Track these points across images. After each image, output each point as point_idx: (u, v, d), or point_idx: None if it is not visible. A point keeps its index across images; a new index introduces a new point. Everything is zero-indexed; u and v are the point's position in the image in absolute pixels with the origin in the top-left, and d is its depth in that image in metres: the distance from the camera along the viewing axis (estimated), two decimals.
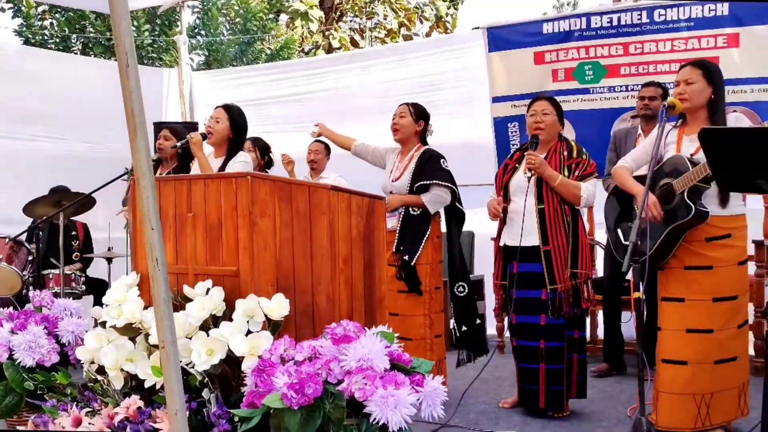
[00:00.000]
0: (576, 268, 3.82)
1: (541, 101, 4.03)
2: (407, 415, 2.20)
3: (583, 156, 3.90)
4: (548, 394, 3.85)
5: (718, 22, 5.38)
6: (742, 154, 2.78)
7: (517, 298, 3.93)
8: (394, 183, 4.25)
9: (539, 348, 3.86)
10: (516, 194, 3.96)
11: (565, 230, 3.83)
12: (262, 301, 2.57)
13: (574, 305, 3.82)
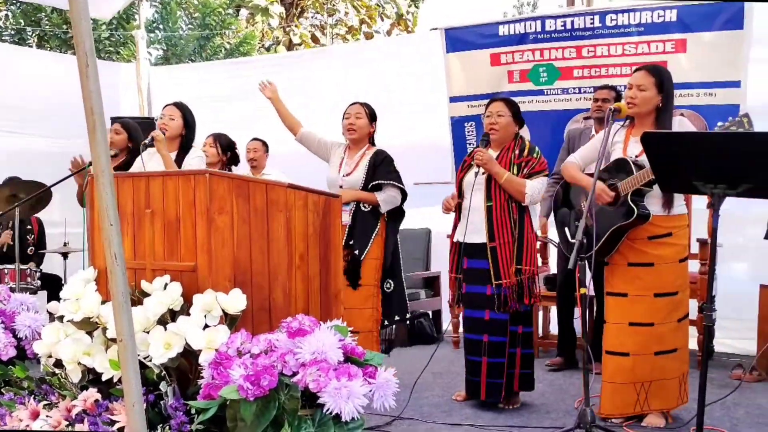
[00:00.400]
0: (521, 264, 3.94)
1: (497, 102, 4.15)
2: (360, 406, 2.28)
3: (534, 155, 4.02)
4: (488, 386, 3.98)
5: (667, 28, 5.55)
6: (681, 157, 2.93)
7: (465, 293, 4.07)
8: (346, 178, 4.32)
9: (483, 342, 3.98)
10: (468, 191, 4.07)
11: (512, 227, 3.94)
12: (219, 296, 2.63)
13: (518, 301, 3.94)
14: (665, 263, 3.62)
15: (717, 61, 5.39)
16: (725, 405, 3.92)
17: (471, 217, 3.98)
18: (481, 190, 3.97)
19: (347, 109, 4.45)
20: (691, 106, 5.49)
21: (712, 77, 5.44)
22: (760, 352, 4.61)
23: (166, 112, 4.25)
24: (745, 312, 4.95)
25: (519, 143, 4.07)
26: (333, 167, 4.43)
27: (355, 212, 4.24)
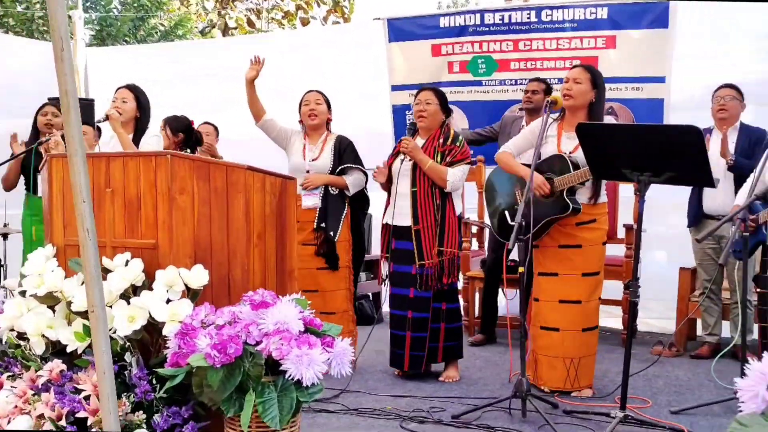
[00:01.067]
0: (443, 246, 4.17)
1: (426, 91, 4.37)
2: (319, 372, 2.46)
3: (457, 143, 4.25)
4: (411, 358, 4.24)
5: (598, 25, 5.85)
6: (611, 147, 3.19)
7: (392, 272, 4.32)
8: (313, 163, 4.48)
9: (407, 317, 4.23)
10: (396, 177, 4.29)
11: (435, 212, 4.18)
12: (182, 272, 2.75)
13: (439, 280, 4.18)
14: (591, 245, 3.92)
15: (644, 57, 5.72)
16: (647, 377, 4.24)
17: (398, 202, 4.22)
18: (407, 176, 4.20)
19: (306, 96, 4.59)
20: (620, 100, 5.82)
21: (639, 72, 5.77)
22: (677, 329, 4.97)
23: (119, 95, 4.29)
24: (666, 294, 5.31)
25: (444, 132, 4.30)
26: (296, 154, 4.56)
27: (324, 196, 4.41)
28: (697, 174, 3.14)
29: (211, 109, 6.87)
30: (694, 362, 4.72)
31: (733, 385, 3.45)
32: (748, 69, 5.63)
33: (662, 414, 3.59)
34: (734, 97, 4.78)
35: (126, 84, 4.37)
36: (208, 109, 6.84)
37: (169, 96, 7.25)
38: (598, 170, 3.47)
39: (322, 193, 4.44)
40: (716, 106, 4.81)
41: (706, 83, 5.64)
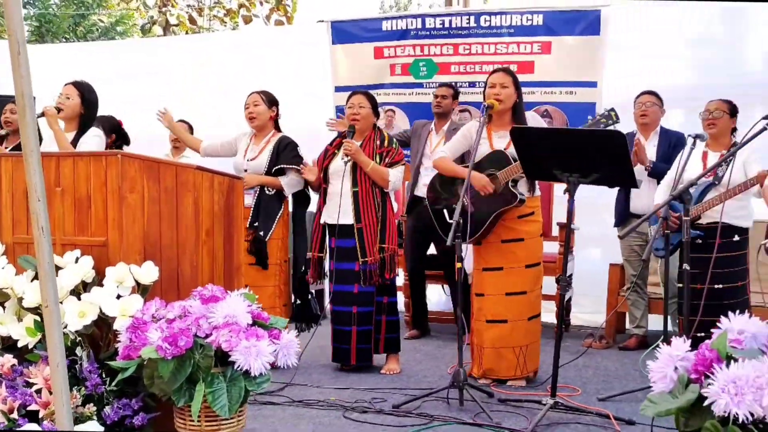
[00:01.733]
0: (384, 243, 4.35)
1: (358, 95, 4.56)
2: (267, 363, 2.59)
3: (393, 145, 4.45)
4: (359, 351, 4.40)
5: (534, 31, 6.08)
6: (543, 149, 3.39)
7: (334, 269, 4.45)
8: (250, 162, 4.58)
9: (352, 312, 4.38)
10: (334, 177, 4.44)
11: (376, 210, 4.35)
12: (132, 268, 2.84)
13: (381, 275, 4.35)
14: (532, 238, 4.15)
15: (577, 63, 5.96)
16: (578, 367, 4.47)
17: (340, 201, 4.34)
18: (348, 176, 4.35)
19: (246, 100, 4.69)
20: (554, 103, 6.07)
21: (572, 77, 6.02)
22: (606, 321, 5.23)
23: (64, 90, 4.28)
24: (599, 290, 5.57)
25: (378, 134, 4.49)
26: (239, 154, 4.68)
27: (259, 195, 4.51)
28: (621, 176, 3.37)
29: (152, 108, 6.91)
30: (622, 353, 4.99)
31: None
32: (678, 75, 5.96)
33: (590, 401, 3.82)
34: (654, 103, 5.06)
35: (72, 80, 4.37)
36: (150, 108, 6.88)
37: (109, 94, 7.25)
38: (531, 171, 3.68)
39: (257, 193, 4.54)
40: (638, 112, 5.08)
41: (637, 88, 5.96)
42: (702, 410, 1.85)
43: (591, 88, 5.98)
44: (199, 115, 6.51)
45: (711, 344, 1.95)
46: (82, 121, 4.27)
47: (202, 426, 2.61)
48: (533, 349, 4.18)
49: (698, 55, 6.07)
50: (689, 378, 1.94)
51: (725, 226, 4.07)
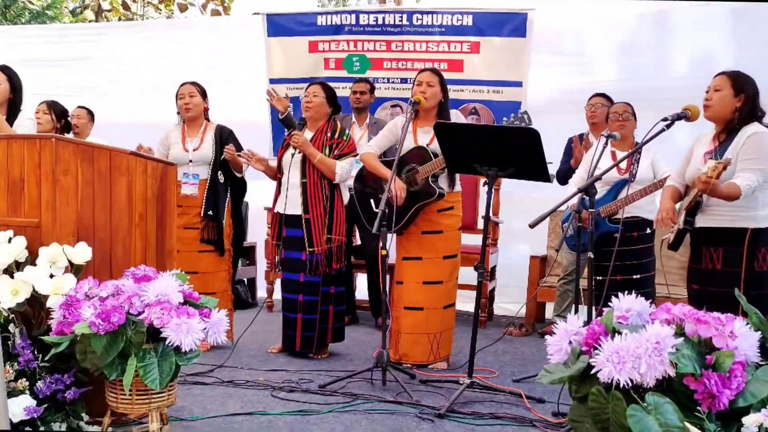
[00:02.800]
0: (331, 234, 4.49)
1: (314, 85, 4.67)
2: (197, 339, 2.72)
3: (344, 137, 4.57)
4: (303, 339, 4.53)
5: (464, 31, 6.31)
6: (464, 144, 3.61)
7: (284, 258, 4.58)
8: (195, 153, 4.69)
9: (298, 301, 4.52)
10: (286, 168, 4.56)
11: (324, 201, 4.48)
12: (66, 248, 2.92)
13: (328, 265, 4.49)
14: (450, 231, 4.36)
15: (504, 63, 6.22)
16: (497, 353, 4.72)
17: (289, 192, 4.47)
18: (297, 168, 4.48)
19: (180, 89, 4.78)
20: (482, 101, 6.32)
21: (499, 77, 6.27)
22: (527, 310, 5.51)
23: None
24: (523, 281, 5.83)
25: (332, 126, 4.60)
26: (176, 145, 4.75)
27: (213, 184, 4.63)
28: (535, 170, 3.61)
29: (87, 94, 6.91)
30: (540, 340, 5.21)
31: None
32: (600, 77, 6.26)
33: (506, 382, 4.06)
34: (603, 104, 5.33)
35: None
36: (84, 94, 6.87)
37: (43, 79, 7.20)
38: (453, 164, 3.90)
39: (209, 181, 4.65)
40: (589, 113, 5.35)
41: (560, 88, 6.26)
42: (590, 378, 2.07)
43: (517, 88, 6.24)
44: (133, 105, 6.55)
45: (600, 320, 2.18)
46: (10, 105, 4.27)
47: (133, 399, 2.72)
48: (447, 336, 4.40)
49: (623, 58, 6.40)
50: (581, 350, 2.16)
51: (637, 219, 4.37)
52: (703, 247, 3.41)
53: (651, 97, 5.45)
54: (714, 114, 3.40)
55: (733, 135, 3.36)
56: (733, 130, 3.37)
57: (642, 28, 6.31)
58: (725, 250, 3.33)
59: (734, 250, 3.31)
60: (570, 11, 6.45)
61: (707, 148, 3.45)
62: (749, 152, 3.27)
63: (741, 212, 3.30)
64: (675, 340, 1.99)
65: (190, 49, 7.00)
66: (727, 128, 3.39)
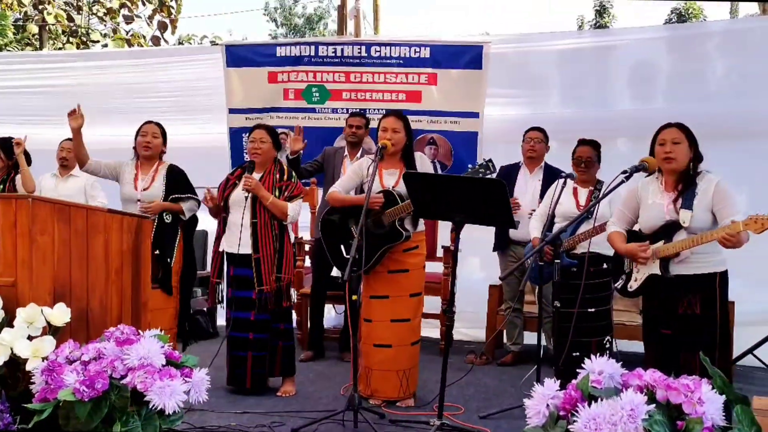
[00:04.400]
0: (281, 272, 4.56)
1: (259, 130, 4.72)
2: (180, 401, 2.76)
3: (292, 180, 4.66)
4: (254, 376, 4.60)
5: (421, 63, 6.45)
6: (434, 193, 3.72)
7: (232, 297, 4.65)
8: (144, 192, 4.70)
9: (248, 339, 4.58)
10: (234, 207, 4.61)
11: (273, 241, 4.55)
12: (45, 310, 2.93)
13: (276, 303, 4.55)
14: (416, 269, 4.49)
15: (461, 94, 6.39)
16: (459, 384, 4.82)
17: (241, 232, 4.52)
18: (248, 208, 4.54)
19: (143, 128, 4.80)
20: (440, 131, 6.48)
21: (456, 107, 6.43)
22: (487, 341, 5.65)
23: None
24: (476, 306, 5.98)
25: (278, 167, 4.69)
26: (127, 184, 4.78)
27: (159, 224, 4.61)
28: (502, 218, 3.74)
29: (38, 122, 6.85)
30: (500, 369, 5.42)
31: (530, 391, 4.10)
32: (553, 110, 6.49)
33: (472, 419, 4.19)
34: (541, 140, 5.52)
35: None
36: (38, 123, 6.81)
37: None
38: (422, 211, 4.01)
39: (155, 222, 4.66)
40: (526, 146, 5.52)
41: (514, 119, 6.44)
42: None
43: (473, 119, 6.41)
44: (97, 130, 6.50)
45: (576, 384, 2.30)
46: None
47: None
48: (414, 372, 4.53)
49: (570, 91, 6.64)
50: (558, 414, 2.28)
51: (595, 255, 4.54)
52: (679, 294, 3.59)
53: (595, 128, 5.68)
54: (677, 166, 3.60)
55: (689, 183, 3.56)
56: (689, 178, 3.57)
57: (587, 61, 6.54)
58: (702, 295, 3.54)
59: (709, 295, 3.54)
60: (523, 45, 6.67)
61: (666, 197, 3.63)
62: (723, 199, 3.51)
63: (711, 258, 3.55)
64: (648, 407, 2.12)
65: (156, 78, 6.99)
66: (683, 178, 3.59)
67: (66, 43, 17.61)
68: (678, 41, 6.56)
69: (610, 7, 24.16)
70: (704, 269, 3.56)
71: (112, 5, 18.65)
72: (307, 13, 31.73)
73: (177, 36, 20.72)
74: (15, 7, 16.70)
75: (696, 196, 3.55)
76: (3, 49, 14.54)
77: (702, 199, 3.54)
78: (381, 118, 4.54)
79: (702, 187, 3.56)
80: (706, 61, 6.33)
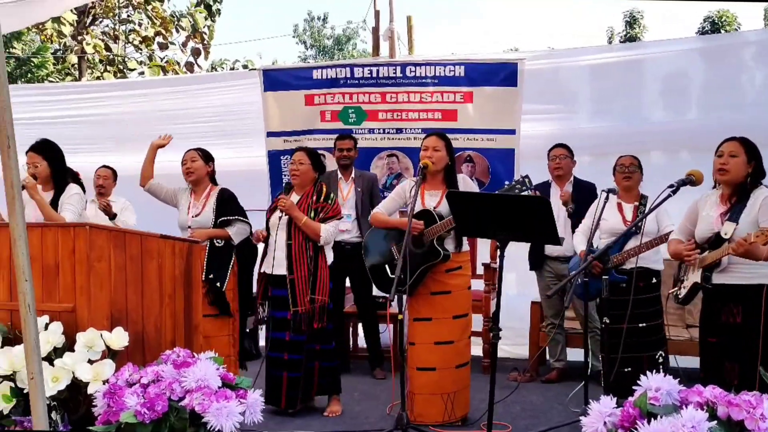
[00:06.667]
0: (314, 294, 4.59)
1: (299, 152, 4.81)
2: (237, 423, 2.80)
3: (329, 201, 4.72)
4: (288, 397, 4.64)
5: (457, 81, 6.49)
6: (476, 212, 3.74)
7: (270, 317, 4.71)
8: (195, 218, 4.78)
9: (284, 359, 4.63)
10: (273, 229, 4.70)
11: (308, 263, 4.59)
12: (104, 334, 3.01)
13: (309, 325, 4.58)
14: (459, 290, 4.48)
15: (497, 111, 6.40)
16: (506, 403, 4.81)
17: (276, 253, 4.60)
18: (283, 230, 4.61)
19: (184, 156, 4.89)
20: (476, 149, 6.50)
21: (492, 125, 6.45)
22: (532, 358, 5.64)
23: (28, 159, 4.30)
24: (515, 322, 5.98)
25: (317, 189, 4.75)
26: (182, 211, 4.86)
27: (210, 248, 4.68)
28: (546, 236, 3.75)
29: (81, 151, 7.02)
30: (545, 386, 5.39)
31: (579, 408, 4.08)
32: (585, 125, 6.48)
33: None
34: (566, 156, 5.53)
35: (31, 146, 4.37)
36: (78, 151, 6.98)
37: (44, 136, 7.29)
38: (465, 229, 4.04)
39: (207, 246, 4.72)
40: (552, 164, 5.54)
41: (546, 135, 6.45)
42: None
43: (509, 135, 6.42)
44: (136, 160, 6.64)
45: (633, 402, 2.30)
46: (54, 179, 4.32)
47: None
48: (462, 396, 4.49)
49: (601, 105, 6.64)
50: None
51: (644, 270, 4.51)
52: (721, 304, 3.57)
53: (628, 141, 5.66)
54: (731, 178, 3.58)
55: (743, 197, 3.54)
56: (744, 192, 3.56)
57: (619, 75, 6.54)
58: (744, 306, 3.50)
59: (753, 306, 3.49)
60: (556, 62, 6.69)
61: (718, 209, 3.62)
62: None
63: (758, 269, 3.49)
64: (709, 423, 2.12)
65: (189, 102, 7.13)
66: (738, 191, 3.57)
67: (104, 72, 18.00)
68: (712, 52, 6.53)
69: (641, 18, 24.07)
70: (749, 280, 3.52)
71: (147, 33, 19.04)
72: (336, 34, 32.12)
73: (210, 61, 21.07)
74: (55, 39, 17.15)
75: (745, 209, 3.53)
76: (44, 80, 14.89)
77: (750, 212, 3.52)
78: (423, 138, 4.58)
79: (752, 201, 3.54)
80: (742, 71, 6.30)
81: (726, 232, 3.51)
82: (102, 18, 18.65)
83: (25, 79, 14.30)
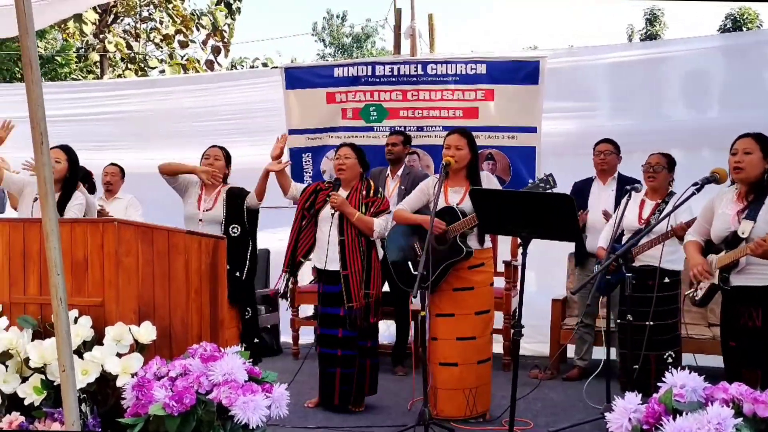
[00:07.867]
0: (369, 289, 4.62)
1: (345, 147, 4.83)
2: (263, 416, 2.84)
3: (379, 195, 4.74)
4: (342, 393, 4.65)
5: (478, 79, 6.50)
6: (499, 209, 3.76)
7: (321, 313, 4.70)
8: (207, 212, 4.83)
9: (337, 355, 4.63)
10: (323, 224, 4.71)
11: (361, 258, 4.62)
12: (132, 328, 3.06)
13: (365, 320, 4.62)
14: (482, 287, 4.49)
15: (518, 109, 6.40)
16: (527, 400, 4.82)
17: (327, 249, 4.61)
18: (335, 226, 4.62)
19: (207, 151, 4.94)
20: (497, 147, 6.51)
21: (514, 123, 6.45)
22: (554, 355, 5.64)
23: (54, 155, 4.35)
24: (535, 320, 5.93)
25: (366, 184, 4.77)
26: (191, 204, 4.90)
27: (229, 238, 4.71)
28: (569, 233, 3.75)
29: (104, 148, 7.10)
30: (566, 384, 5.40)
31: (601, 405, 4.08)
32: (605, 123, 6.47)
33: None
34: (612, 151, 5.52)
35: (59, 144, 4.45)
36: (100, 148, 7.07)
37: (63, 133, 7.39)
38: (488, 226, 4.05)
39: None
40: (597, 159, 5.53)
41: (566, 133, 6.45)
42: None
43: (531, 133, 6.42)
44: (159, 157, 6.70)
45: (659, 398, 2.31)
46: (65, 182, 4.41)
47: None
48: (483, 391, 4.50)
49: (622, 103, 6.63)
50: (642, 428, 2.30)
51: (652, 268, 4.49)
52: (740, 306, 3.52)
53: (650, 139, 5.64)
54: (746, 176, 3.51)
55: (761, 194, 3.50)
56: (761, 189, 3.51)
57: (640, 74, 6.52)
58: (764, 308, 3.42)
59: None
60: (577, 60, 6.69)
61: (734, 207, 3.57)
62: None
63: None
64: (735, 420, 2.12)
65: (218, 101, 7.21)
66: (755, 188, 3.53)
67: (125, 70, 18.16)
68: (733, 49, 6.51)
69: (661, 15, 23.88)
70: (767, 281, 3.44)
71: (168, 32, 19.18)
72: (355, 32, 32.15)
73: (230, 59, 21.19)
74: (77, 37, 17.33)
75: (763, 206, 3.46)
76: (67, 78, 15.05)
77: (766, 211, 3.46)
78: (446, 135, 4.59)
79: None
80: (764, 69, 6.27)
81: (743, 231, 3.45)
82: (123, 16, 18.83)
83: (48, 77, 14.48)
